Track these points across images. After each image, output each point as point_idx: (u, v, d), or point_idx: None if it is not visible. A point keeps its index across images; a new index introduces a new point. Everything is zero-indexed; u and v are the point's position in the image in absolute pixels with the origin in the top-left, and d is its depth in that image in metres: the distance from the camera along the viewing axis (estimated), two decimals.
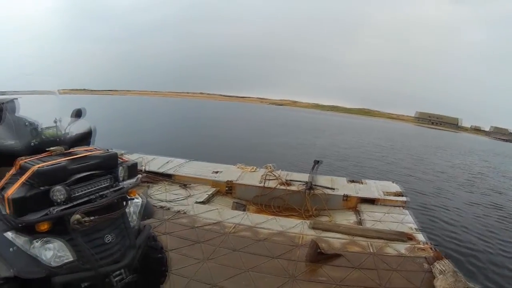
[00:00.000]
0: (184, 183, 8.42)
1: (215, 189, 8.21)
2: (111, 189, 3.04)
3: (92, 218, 2.66)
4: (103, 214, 2.80)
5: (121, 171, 3.19)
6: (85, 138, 3.63)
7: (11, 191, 2.58)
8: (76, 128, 3.56)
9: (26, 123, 3.41)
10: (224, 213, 6.74)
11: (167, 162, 9.83)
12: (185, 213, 6.60)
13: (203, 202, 7.33)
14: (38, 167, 2.68)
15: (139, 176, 3.44)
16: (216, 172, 9.00)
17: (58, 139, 3.30)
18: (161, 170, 9.12)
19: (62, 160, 2.89)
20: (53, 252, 2.61)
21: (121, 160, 3.31)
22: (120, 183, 3.16)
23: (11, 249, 2.58)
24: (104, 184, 3.03)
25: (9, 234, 2.61)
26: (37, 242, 2.58)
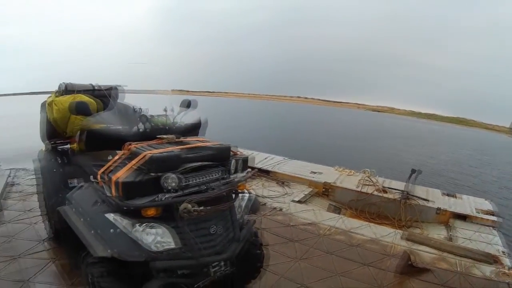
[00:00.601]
0: (282, 180, 8.51)
1: (312, 189, 8.21)
2: (222, 181, 3.10)
3: (201, 208, 2.71)
4: (212, 205, 2.85)
5: (233, 164, 3.24)
6: (194, 128, 3.79)
7: (121, 174, 2.72)
8: (186, 118, 3.71)
9: (136, 109, 3.53)
10: (319, 214, 6.74)
11: (265, 158, 10.05)
12: (281, 210, 6.68)
13: (299, 201, 7.37)
14: (151, 153, 2.78)
15: (250, 170, 3.51)
16: (314, 173, 9.01)
17: (167, 128, 3.43)
18: (259, 166, 9.25)
19: (175, 149, 2.99)
20: (154, 237, 2.71)
21: (232, 153, 3.36)
22: (231, 176, 3.22)
23: (111, 230, 2.73)
24: (215, 175, 3.10)
25: (111, 216, 2.78)
26: (139, 226, 2.70)
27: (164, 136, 3.28)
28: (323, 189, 8.32)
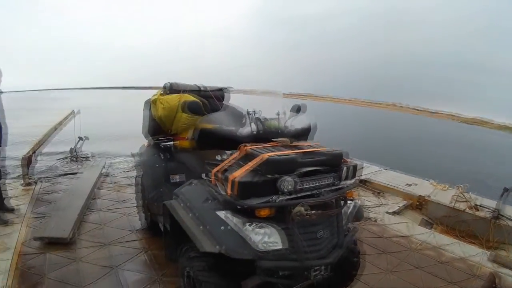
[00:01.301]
0: (378, 190, 8.36)
1: (406, 201, 7.98)
2: (333, 187, 3.08)
3: (313, 212, 2.72)
4: (322, 210, 2.85)
5: (344, 171, 3.20)
6: (304, 133, 3.76)
7: (239, 174, 2.75)
8: (296, 123, 3.70)
9: (249, 112, 3.58)
10: (412, 228, 6.53)
11: (362, 167, 9.80)
12: (375, 221, 6.58)
13: (393, 213, 7.20)
14: (269, 155, 2.79)
15: (358, 178, 3.51)
16: (409, 185, 8.73)
17: (280, 131, 3.45)
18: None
19: (291, 152, 2.99)
20: (262, 237, 2.71)
21: (343, 160, 3.33)
22: (341, 183, 3.19)
23: (222, 227, 2.76)
24: (327, 181, 3.07)
25: (222, 213, 2.81)
26: (249, 225, 2.72)
27: (279, 139, 3.31)
28: (417, 203, 8.05)
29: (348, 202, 3.32)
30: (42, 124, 10.97)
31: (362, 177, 8.94)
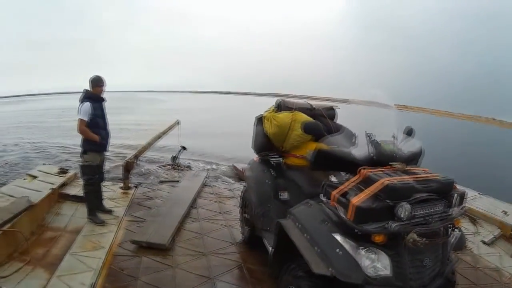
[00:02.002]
0: (474, 217, 7.83)
1: (500, 231, 7.36)
2: (443, 215, 3.00)
3: (424, 239, 2.67)
4: (430, 237, 2.79)
5: (455, 199, 3.09)
6: (415, 157, 3.64)
7: (359, 199, 2.75)
8: (409, 146, 3.58)
9: (368, 134, 3.47)
10: (504, 260, 6.08)
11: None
12: (470, 250, 6.19)
13: (488, 243, 6.70)
14: (389, 181, 2.78)
15: (465, 206, 3.34)
16: (505, 213, 8.04)
17: (394, 155, 3.35)
18: None
19: (408, 178, 2.96)
20: (371, 262, 2.68)
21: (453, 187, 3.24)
22: (450, 210, 3.09)
23: (337, 250, 2.76)
24: (438, 208, 2.99)
25: (339, 236, 2.81)
26: (363, 249, 2.69)
27: (395, 164, 3.24)
28: (511, 232, 7.33)
29: (454, 230, 3.22)
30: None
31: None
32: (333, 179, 3.48)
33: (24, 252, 4.93)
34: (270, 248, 3.94)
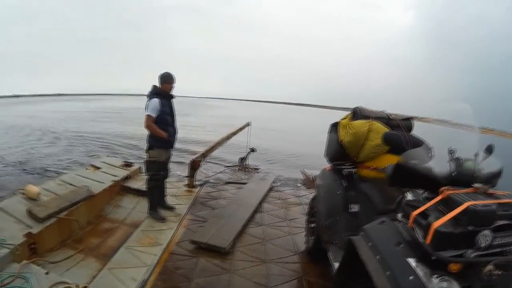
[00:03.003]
0: None
1: None
2: None
3: (500, 272, 2.41)
4: (506, 269, 2.49)
5: None
6: (493, 178, 3.24)
7: (440, 223, 2.47)
8: (488, 165, 3.21)
9: (451, 150, 3.16)
10: None
11: None
12: None
13: None
14: (472, 204, 2.49)
15: None
16: None
17: (475, 175, 3.03)
18: None
19: (492, 202, 2.63)
20: None
21: None
22: None
23: (409, 276, 2.50)
24: None
25: (412, 261, 2.56)
26: (436, 278, 2.43)
27: (478, 185, 2.88)
28: None
29: None
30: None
31: None
32: (409, 196, 3.22)
33: (78, 240, 5.01)
34: (335, 263, 3.71)
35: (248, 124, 11.77)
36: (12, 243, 4.16)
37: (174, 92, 5.88)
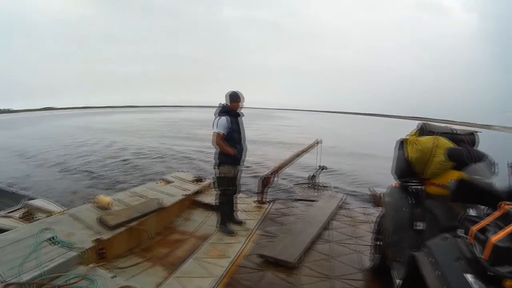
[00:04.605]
0: None
1: None
2: None
3: None
4: None
5: None
6: None
7: (497, 237, 2.43)
8: None
9: (510, 164, 3.12)
10: None
11: None
12: None
13: None
14: None
15: None
16: None
17: None
18: None
19: None
20: None
21: None
22: None
23: None
24: None
25: (470, 277, 2.50)
26: None
27: None
28: None
29: None
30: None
31: None
32: (471, 212, 3.18)
33: (146, 249, 5.23)
34: (398, 281, 3.68)
35: (317, 142, 11.80)
36: (82, 247, 4.45)
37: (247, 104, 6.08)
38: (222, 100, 6.00)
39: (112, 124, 55.81)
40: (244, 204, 7.48)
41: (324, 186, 11.19)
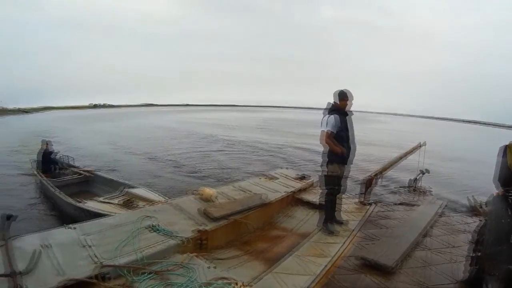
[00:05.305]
0: None
1: None
2: None
3: None
4: None
5: None
6: None
7: None
8: None
9: None
10: None
11: None
12: None
13: None
14: None
15: None
16: None
17: None
18: None
19: None
20: None
21: None
22: None
23: None
24: None
25: None
26: None
27: None
28: None
29: None
30: None
31: None
32: None
33: (245, 242, 5.53)
34: None
35: (420, 145, 11.55)
36: (182, 236, 4.82)
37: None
38: (321, 102, 6.19)
39: (225, 120, 58.85)
40: (346, 205, 7.50)
41: (426, 191, 10.95)
